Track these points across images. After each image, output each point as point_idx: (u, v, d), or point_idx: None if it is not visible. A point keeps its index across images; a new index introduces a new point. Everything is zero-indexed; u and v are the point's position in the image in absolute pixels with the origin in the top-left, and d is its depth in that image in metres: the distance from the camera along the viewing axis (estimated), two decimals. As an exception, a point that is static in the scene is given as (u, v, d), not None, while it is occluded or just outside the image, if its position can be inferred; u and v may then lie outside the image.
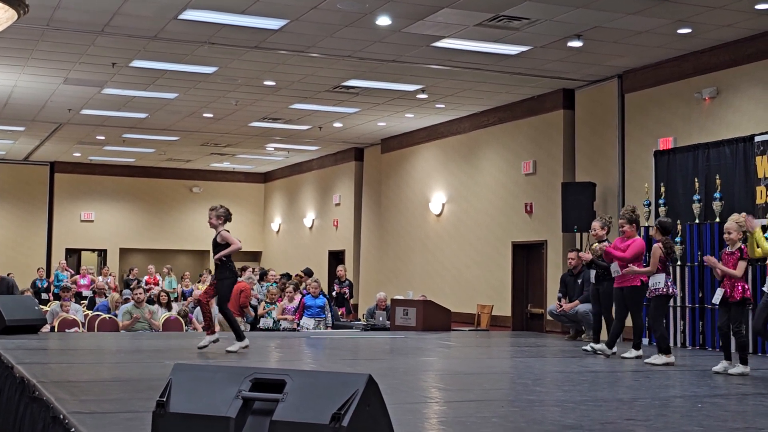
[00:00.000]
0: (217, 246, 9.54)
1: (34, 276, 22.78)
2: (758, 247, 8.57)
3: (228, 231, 9.61)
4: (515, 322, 16.20)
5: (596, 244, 10.52)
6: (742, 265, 8.52)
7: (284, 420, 3.47)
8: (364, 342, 12.24)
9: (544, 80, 14.66)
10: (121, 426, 4.96)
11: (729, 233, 8.67)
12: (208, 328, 9.67)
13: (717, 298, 8.68)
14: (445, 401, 6.78)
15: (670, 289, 9.60)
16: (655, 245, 9.60)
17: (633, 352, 9.90)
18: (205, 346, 9.48)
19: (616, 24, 11.44)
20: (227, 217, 9.65)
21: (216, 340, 9.60)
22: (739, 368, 8.49)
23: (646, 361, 9.45)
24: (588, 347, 10.51)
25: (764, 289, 8.32)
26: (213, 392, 3.68)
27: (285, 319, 14.75)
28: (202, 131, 20.62)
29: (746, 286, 8.61)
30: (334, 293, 17.91)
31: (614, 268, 10.03)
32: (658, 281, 9.50)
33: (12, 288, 13.99)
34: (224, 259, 9.48)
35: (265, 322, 14.90)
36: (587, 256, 10.68)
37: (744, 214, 8.89)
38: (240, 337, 9.59)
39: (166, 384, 3.78)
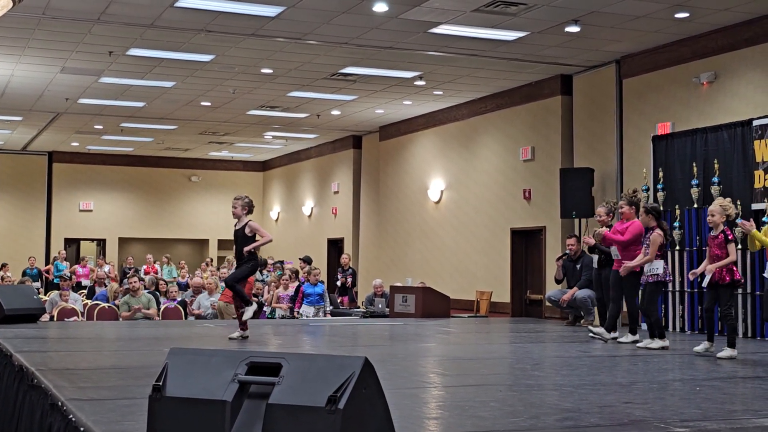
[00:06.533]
0: (244, 237, 9.47)
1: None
2: (758, 241, 8.53)
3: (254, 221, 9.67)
4: (514, 309, 16.21)
5: (597, 228, 10.53)
6: (732, 247, 8.51)
7: (280, 403, 3.46)
8: (363, 329, 12.24)
9: (542, 66, 14.63)
10: (118, 412, 4.96)
11: (713, 215, 8.65)
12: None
13: (706, 280, 8.67)
14: (444, 386, 6.79)
15: (668, 275, 9.59)
16: (656, 233, 9.49)
17: (630, 337, 9.90)
18: (248, 318, 9.57)
19: (613, 9, 11.42)
20: (251, 207, 9.66)
21: (256, 309, 9.68)
22: (726, 351, 8.44)
23: (639, 345, 9.46)
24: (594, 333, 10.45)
25: (765, 275, 8.30)
26: (209, 376, 3.68)
27: (280, 307, 14.75)
28: (200, 120, 20.60)
29: (735, 269, 8.60)
30: (337, 282, 17.85)
31: (614, 251, 10.03)
32: (657, 267, 9.44)
33: None
34: (253, 251, 9.50)
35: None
36: (590, 240, 10.65)
37: (730, 201, 8.94)
38: (248, 302, 9.60)
39: (162, 368, 3.78)
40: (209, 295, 14.78)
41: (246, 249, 9.41)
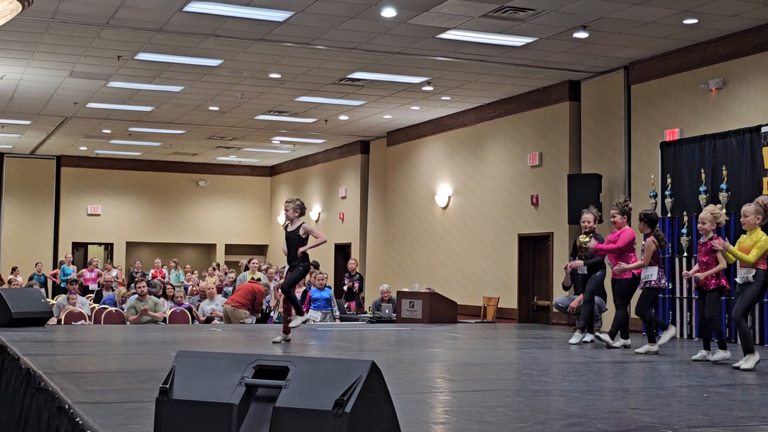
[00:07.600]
0: (298, 238, 9.72)
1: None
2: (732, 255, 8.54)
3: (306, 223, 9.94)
4: (521, 315, 16.18)
5: (582, 236, 10.55)
6: (720, 255, 8.52)
7: (287, 406, 3.46)
8: (369, 334, 12.24)
9: (550, 72, 14.62)
10: (125, 415, 4.97)
11: (703, 223, 8.68)
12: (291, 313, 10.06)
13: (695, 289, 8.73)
14: (450, 391, 6.78)
15: (662, 281, 9.60)
16: (649, 239, 9.55)
17: (620, 341, 9.97)
18: (296, 326, 10.01)
19: (621, 15, 11.41)
20: (303, 209, 9.89)
21: (305, 321, 10.22)
22: (719, 354, 8.55)
23: (629, 350, 9.53)
24: (611, 341, 10.39)
25: (736, 279, 8.32)
26: (216, 379, 3.68)
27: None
28: (208, 124, 20.63)
29: (722, 275, 8.60)
30: (344, 287, 17.85)
31: (608, 261, 10.05)
32: (650, 274, 9.51)
33: None
34: (306, 253, 9.74)
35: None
36: (578, 263, 10.59)
37: (721, 207, 9.00)
38: (300, 312, 10.08)
39: (169, 371, 3.78)
40: (210, 301, 14.80)
41: (301, 250, 9.68)
